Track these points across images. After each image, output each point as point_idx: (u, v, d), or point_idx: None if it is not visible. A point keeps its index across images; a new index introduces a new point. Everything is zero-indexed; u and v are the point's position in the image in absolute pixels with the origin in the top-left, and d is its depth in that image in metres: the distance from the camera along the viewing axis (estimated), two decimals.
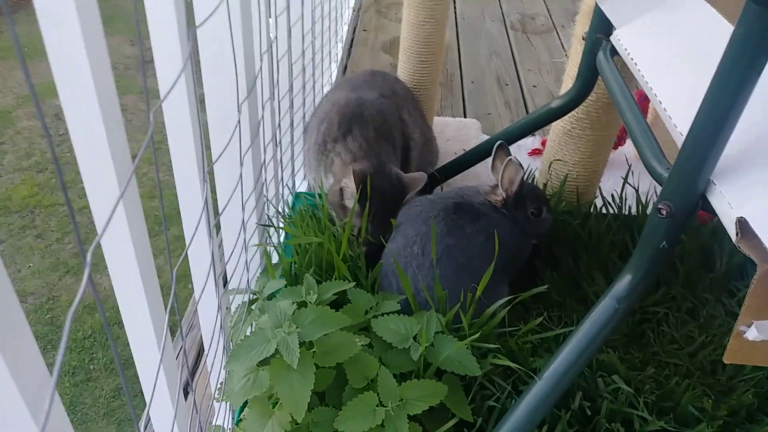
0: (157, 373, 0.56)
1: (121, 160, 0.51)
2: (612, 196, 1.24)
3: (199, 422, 0.75)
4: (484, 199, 1.05)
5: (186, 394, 1.04)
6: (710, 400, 0.85)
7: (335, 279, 1.00)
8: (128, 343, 0.63)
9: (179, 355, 0.66)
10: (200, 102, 0.75)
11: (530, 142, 1.78)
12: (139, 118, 3.54)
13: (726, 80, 0.57)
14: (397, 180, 1.15)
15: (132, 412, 0.52)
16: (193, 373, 1.30)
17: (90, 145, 0.48)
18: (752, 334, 0.56)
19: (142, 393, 0.66)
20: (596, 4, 0.97)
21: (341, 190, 1.14)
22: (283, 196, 1.31)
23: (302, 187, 1.52)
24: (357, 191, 1.09)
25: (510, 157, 1.02)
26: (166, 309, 0.63)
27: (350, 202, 1.13)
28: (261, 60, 0.93)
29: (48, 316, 2.25)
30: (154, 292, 0.60)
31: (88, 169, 0.51)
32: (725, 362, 0.58)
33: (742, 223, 0.55)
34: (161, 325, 0.61)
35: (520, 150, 1.76)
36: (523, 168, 1.03)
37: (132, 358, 0.65)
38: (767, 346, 0.57)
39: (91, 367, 2.09)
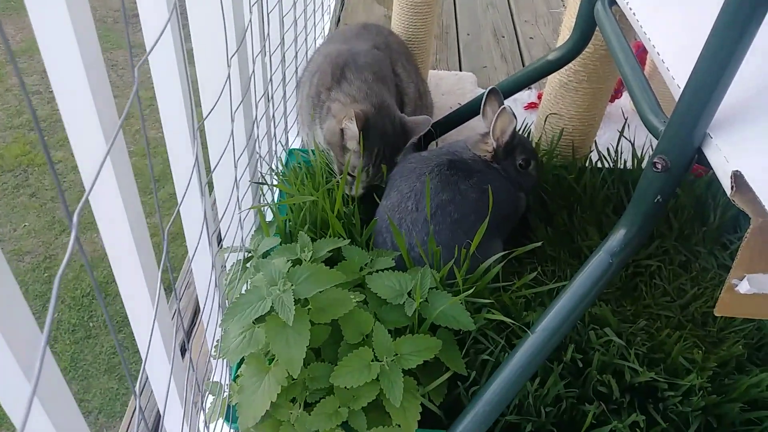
0: (151, 333, 0.57)
1: (107, 116, 0.49)
2: (608, 149, 1.23)
3: (196, 379, 0.76)
4: (473, 154, 1.05)
5: (183, 352, 1.05)
6: (700, 352, 0.86)
7: (330, 236, 1.00)
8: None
9: (174, 315, 0.67)
10: (189, 57, 0.73)
11: (526, 95, 1.76)
12: (129, 73, 3.47)
13: (725, 31, 0.55)
14: (400, 123, 1.14)
15: (127, 373, 0.52)
16: (190, 330, 1.31)
17: (75, 102, 0.47)
18: (744, 287, 0.56)
19: (140, 352, 0.66)
20: None
21: (342, 131, 1.13)
22: (276, 153, 1.30)
23: (296, 144, 1.51)
24: (359, 133, 1.08)
25: (503, 107, 1.01)
26: (159, 267, 0.63)
27: (351, 143, 1.12)
28: (250, 12, 0.91)
29: (46, 275, 2.26)
30: (147, 251, 0.60)
31: (74, 127, 0.50)
32: (716, 315, 0.59)
33: (737, 177, 0.55)
34: (154, 285, 0.61)
35: (516, 104, 1.74)
36: (516, 118, 1.02)
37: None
38: (758, 298, 0.57)
39: (91, 324, 2.11)
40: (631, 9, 0.81)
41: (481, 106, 1.09)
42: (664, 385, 0.81)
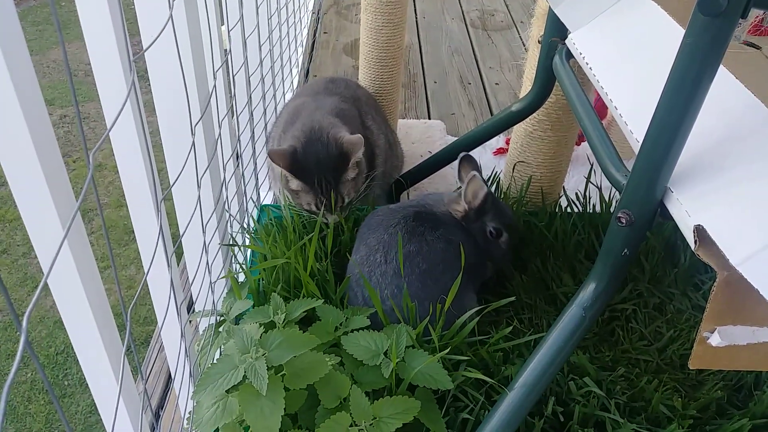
0: (115, 416, 0.54)
1: (62, 201, 0.49)
2: (576, 194, 1.24)
3: None
4: (446, 209, 1.05)
5: (157, 419, 1.01)
6: (680, 398, 0.86)
7: (303, 296, 0.99)
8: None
9: (143, 395, 0.64)
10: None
11: (495, 141, 1.78)
12: (101, 126, 3.46)
13: (678, 88, 0.57)
14: (336, 144, 1.13)
15: None
16: (164, 395, 1.27)
17: (29, 189, 0.46)
18: (715, 339, 0.57)
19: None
20: (550, 7, 0.96)
21: (286, 177, 1.15)
22: (247, 211, 1.29)
23: (268, 199, 1.50)
24: (289, 171, 1.10)
25: (473, 173, 1.01)
26: (123, 345, 0.61)
27: (292, 183, 1.13)
28: (215, 78, 0.91)
29: (18, 333, 2.19)
30: (110, 333, 0.58)
31: (30, 212, 0.49)
32: (691, 368, 0.59)
33: (699, 231, 0.56)
34: (118, 363, 0.59)
35: (486, 150, 1.76)
36: (487, 185, 1.02)
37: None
38: (731, 350, 0.57)
39: (66, 383, 2.04)
40: (587, 63, 0.83)
41: (457, 171, 1.09)
42: None
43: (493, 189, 1.28)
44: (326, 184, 1.12)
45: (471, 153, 1.28)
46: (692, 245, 0.56)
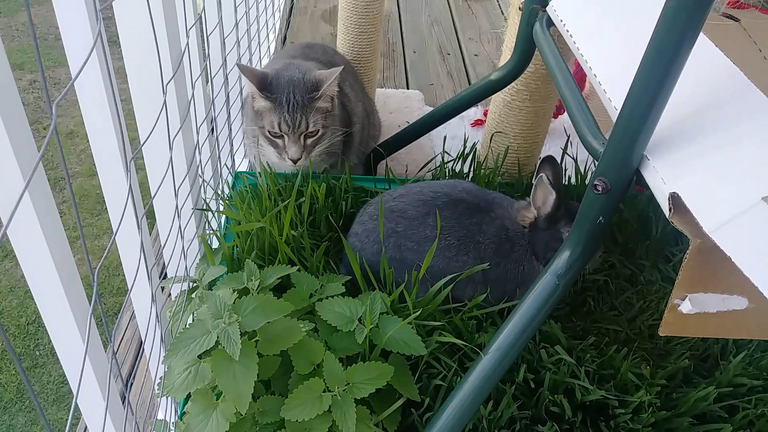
0: (79, 382, 0.53)
1: (25, 152, 0.47)
2: None
3: (135, 422, 0.72)
4: (520, 227, 0.97)
5: (128, 387, 1.00)
6: (648, 366, 0.87)
7: (278, 262, 0.98)
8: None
9: (111, 358, 0.63)
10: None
11: (473, 112, 1.78)
12: (72, 92, 3.34)
13: (659, 52, 0.56)
14: (312, 78, 1.12)
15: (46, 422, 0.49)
16: (135, 362, 1.26)
17: None
18: (686, 307, 0.57)
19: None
20: None
21: (252, 98, 1.13)
22: (222, 177, 1.27)
23: (243, 166, 1.48)
24: (258, 88, 1.08)
25: (541, 175, 0.91)
26: (90, 306, 0.59)
27: (258, 103, 1.11)
28: (187, 36, 0.88)
29: None
30: (77, 292, 0.56)
31: None
32: (661, 334, 0.59)
33: (674, 198, 0.56)
34: (84, 324, 0.58)
35: (463, 121, 1.75)
36: (553, 190, 0.91)
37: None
38: (701, 317, 0.58)
39: (37, 353, 2.01)
40: (568, 31, 0.82)
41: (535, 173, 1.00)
42: (615, 402, 0.82)
43: (469, 160, 1.27)
44: (294, 103, 1.09)
45: (449, 123, 1.28)
46: (667, 213, 0.56)
